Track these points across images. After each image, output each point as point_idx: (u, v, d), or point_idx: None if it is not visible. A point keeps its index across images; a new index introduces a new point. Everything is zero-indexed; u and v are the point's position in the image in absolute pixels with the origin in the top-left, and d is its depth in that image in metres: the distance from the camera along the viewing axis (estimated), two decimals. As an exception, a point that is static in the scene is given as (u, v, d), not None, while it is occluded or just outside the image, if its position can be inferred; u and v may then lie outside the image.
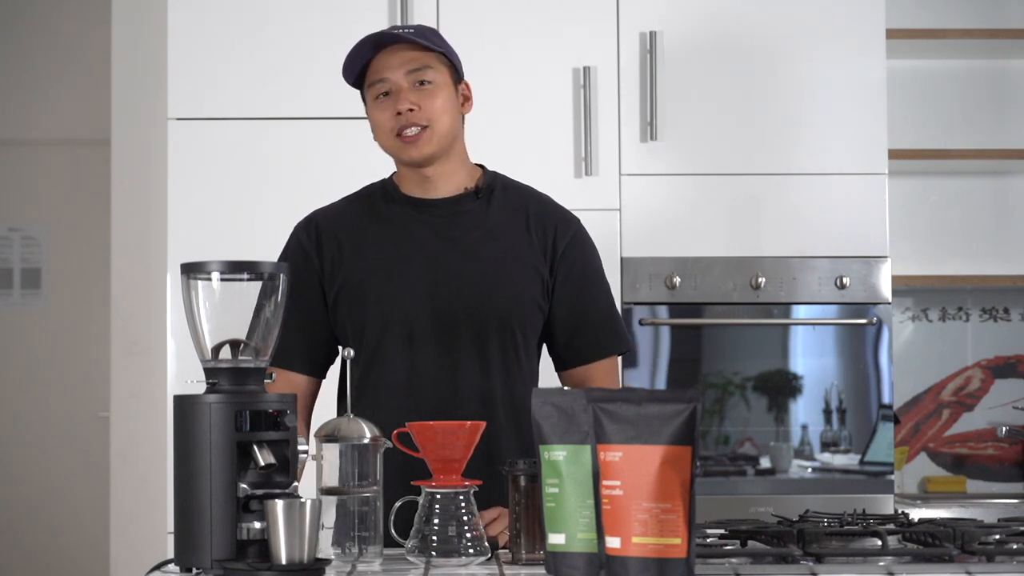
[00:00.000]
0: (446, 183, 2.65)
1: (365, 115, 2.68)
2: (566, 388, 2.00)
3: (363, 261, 2.62)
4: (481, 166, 2.73)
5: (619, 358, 2.74)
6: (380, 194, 2.70)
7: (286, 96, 3.88)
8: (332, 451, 2.18)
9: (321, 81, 3.87)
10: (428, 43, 2.59)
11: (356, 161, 3.80)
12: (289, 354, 2.61)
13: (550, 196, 2.75)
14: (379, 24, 3.85)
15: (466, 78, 2.71)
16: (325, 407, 2.69)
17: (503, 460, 2.25)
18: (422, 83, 2.59)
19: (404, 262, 2.61)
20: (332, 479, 2.17)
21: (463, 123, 2.69)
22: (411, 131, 2.58)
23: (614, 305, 2.72)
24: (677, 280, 3.87)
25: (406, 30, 2.62)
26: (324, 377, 2.71)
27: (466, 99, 2.68)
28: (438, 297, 2.59)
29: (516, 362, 2.61)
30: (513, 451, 2.54)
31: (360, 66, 2.62)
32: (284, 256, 2.69)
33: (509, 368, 2.61)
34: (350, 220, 2.68)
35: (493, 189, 2.68)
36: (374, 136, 2.66)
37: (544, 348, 2.73)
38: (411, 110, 2.57)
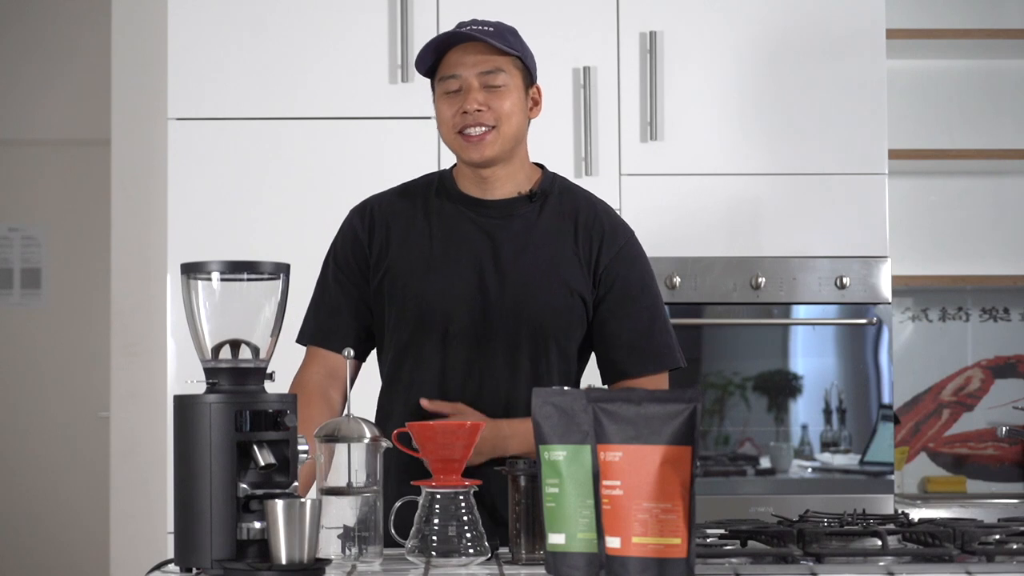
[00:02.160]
0: (503, 185, 2.63)
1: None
2: (566, 388, 2.00)
3: (408, 253, 2.61)
4: (541, 166, 2.70)
5: (666, 374, 2.65)
6: (436, 187, 2.67)
7: (286, 96, 3.88)
8: (332, 451, 2.18)
9: (321, 81, 3.88)
10: (504, 46, 2.57)
11: (356, 161, 3.82)
12: (334, 335, 2.62)
13: (606, 203, 2.71)
14: (379, 25, 3.86)
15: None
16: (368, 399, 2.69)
17: None
18: (493, 85, 2.57)
19: (448, 259, 2.59)
20: (332, 479, 2.17)
21: (528, 127, 2.66)
22: (476, 131, 2.55)
23: (659, 321, 2.63)
24: (677, 280, 3.87)
25: (485, 27, 2.60)
26: (364, 360, 2.69)
27: (535, 103, 2.65)
28: (476, 297, 2.57)
29: (547, 371, 2.57)
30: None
31: (434, 58, 2.59)
32: (338, 240, 2.67)
33: (539, 376, 2.56)
34: (403, 209, 2.65)
35: (548, 193, 2.65)
36: (439, 129, 2.62)
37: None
38: (479, 110, 2.54)
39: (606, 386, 2.65)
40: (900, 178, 4.38)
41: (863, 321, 3.90)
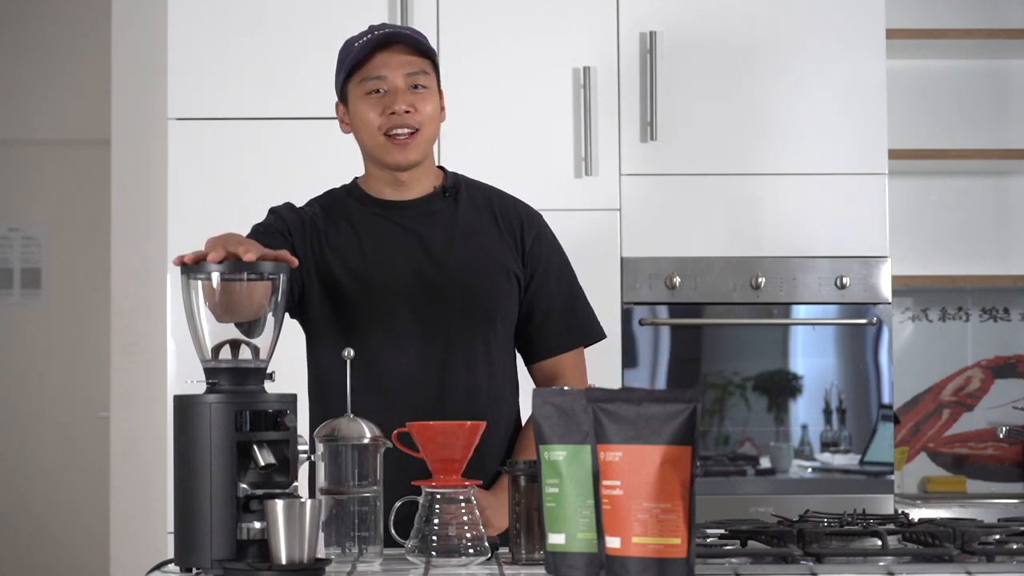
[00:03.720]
0: (418, 184, 2.67)
1: (337, 111, 2.67)
2: (566, 388, 2.00)
3: (341, 260, 2.62)
4: (441, 168, 2.75)
5: (584, 351, 2.75)
6: (349, 197, 2.70)
7: (285, 96, 3.88)
8: (332, 451, 2.18)
9: (321, 81, 3.85)
10: (427, 47, 2.62)
11: (356, 161, 3.81)
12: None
13: (509, 192, 2.77)
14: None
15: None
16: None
17: (484, 451, 2.31)
18: (416, 87, 2.60)
19: (382, 260, 2.62)
20: (332, 479, 2.18)
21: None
22: (402, 132, 2.59)
23: (581, 298, 2.74)
24: (677, 280, 3.87)
25: (402, 29, 2.64)
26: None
27: (442, 107, 2.69)
28: (418, 293, 2.60)
29: (498, 354, 2.65)
30: (493, 441, 2.57)
31: (359, 59, 2.60)
32: (260, 225, 2.65)
33: (491, 360, 2.63)
34: (328, 217, 2.67)
35: (458, 188, 2.70)
36: (355, 130, 2.64)
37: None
38: (407, 111, 2.58)
39: (528, 367, 2.74)
40: (900, 178, 4.37)
41: (863, 321, 3.90)
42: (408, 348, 2.60)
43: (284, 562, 1.96)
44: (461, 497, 2.16)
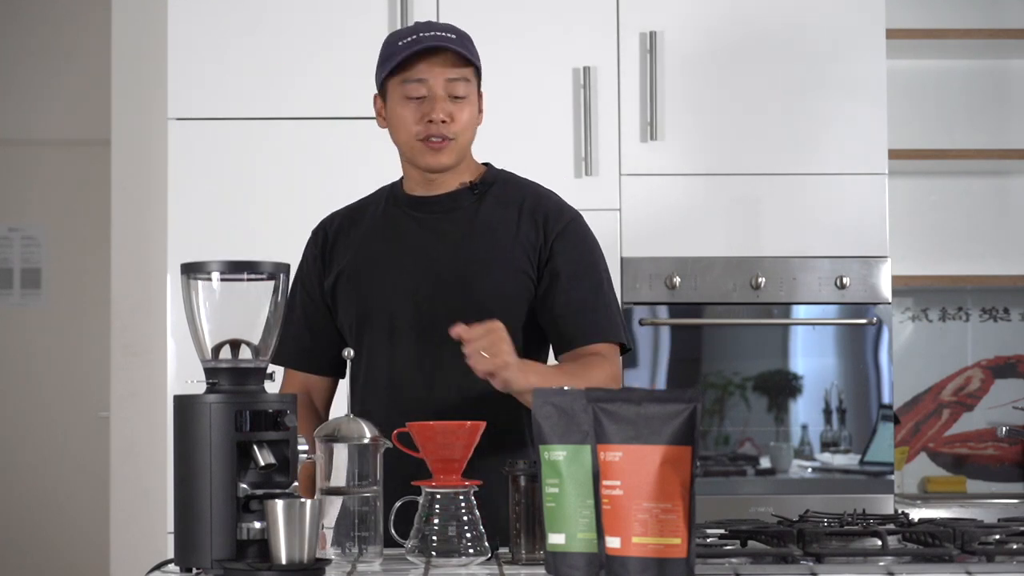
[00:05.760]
0: (446, 183, 2.67)
1: (375, 104, 2.68)
2: (566, 388, 2.00)
3: (351, 256, 2.67)
4: (487, 164, 2.74)
5: (615, 351, 2.64)
6: (386, 195, 2.74)
7: (286, 96, 3.88)
8: (332, 451, 2.18)
9: (321, 81, 3.88)
10: (471, 56, 2.61)
11: (356, 161, 3.82)
12: (308, 357, 2.71)
13: (554, 191, 2.73)
14: (379, 25, 3.86)
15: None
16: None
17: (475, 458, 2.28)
18: (455, 96, 2.60)
19: (388, 257, 2.64)
20: (333, 479, 2.18)
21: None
22: (436, 139, 2.59)
23: (605, 298, 2.65)
24: (677, 280, 3.87)
25: (448, 35, 2.62)
26: (343, 376, 2.72)
27: (480, 110, 2.69)
28: (419, 291, 2.61)
29: None
30: (486, 448, 2.53)
31: (400, 62, 2.59)
32: (302, 265, 2.74)
33: None
34: (350, 220, 2.73)
35: (491, 184, 2.69)
36: (392, 129, 2.65)
37: None
38: (444, 121, 2.58)
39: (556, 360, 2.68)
40: (900, 178, 4.37)
41: (863, 321, 3.90)
42: (405, 347, 2.60)
43: (284, 562, 1.96)
44: (461, 497, 2.16)
